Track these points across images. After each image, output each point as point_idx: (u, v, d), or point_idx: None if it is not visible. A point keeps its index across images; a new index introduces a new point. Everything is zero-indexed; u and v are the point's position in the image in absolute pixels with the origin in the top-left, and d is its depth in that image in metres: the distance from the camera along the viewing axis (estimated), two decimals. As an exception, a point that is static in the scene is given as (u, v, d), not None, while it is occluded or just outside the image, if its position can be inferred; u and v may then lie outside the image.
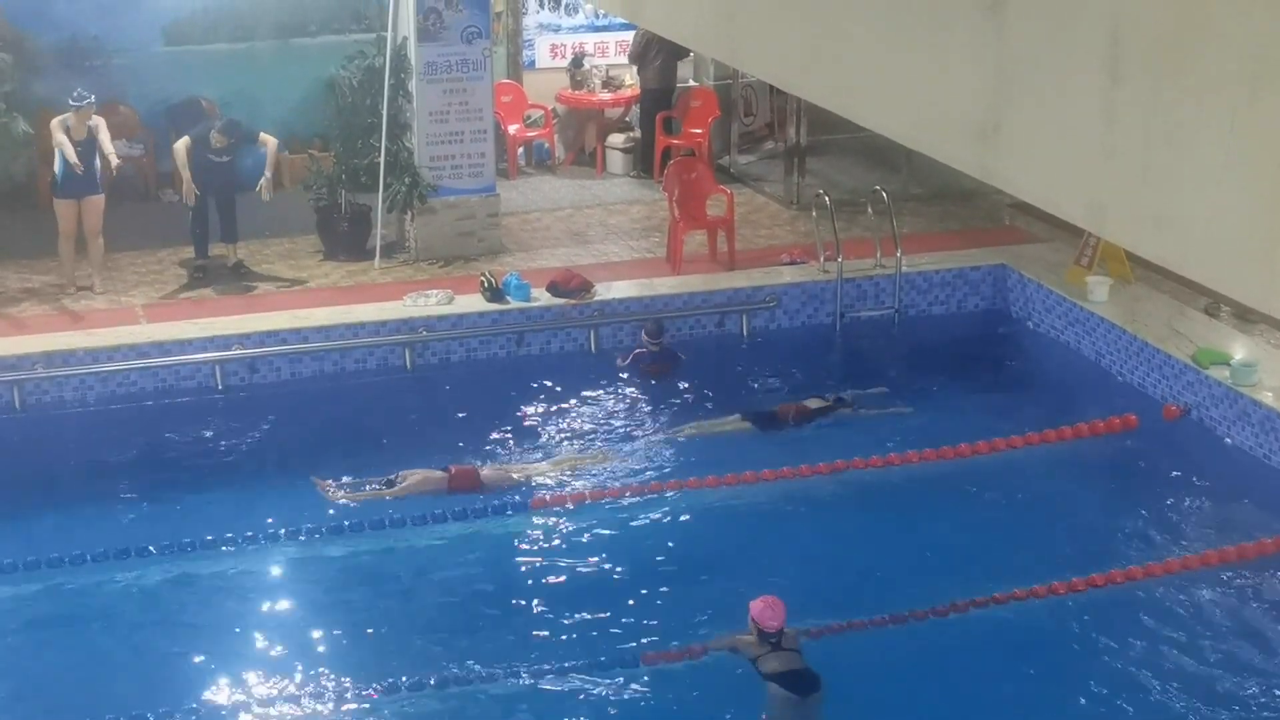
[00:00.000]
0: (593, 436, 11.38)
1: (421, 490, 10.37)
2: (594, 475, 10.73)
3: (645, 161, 16.59)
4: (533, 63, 17.08)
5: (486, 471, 10.59)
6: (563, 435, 11.43)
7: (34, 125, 13.91)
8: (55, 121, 12.86)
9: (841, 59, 5.66)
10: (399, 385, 12.17)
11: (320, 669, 8.75)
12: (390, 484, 10.43)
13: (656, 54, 16.24)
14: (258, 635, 9.16)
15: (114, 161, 12.92)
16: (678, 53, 16.13)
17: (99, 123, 12.94)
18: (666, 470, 10.80)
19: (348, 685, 8.56)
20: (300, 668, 8.77)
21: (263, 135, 13.50)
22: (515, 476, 10.61)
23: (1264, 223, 3.68)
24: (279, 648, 9.02)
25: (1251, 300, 3.96)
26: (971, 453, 10.96)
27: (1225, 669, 8.64)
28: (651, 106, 16.54)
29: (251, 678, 8.71)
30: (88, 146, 12.84)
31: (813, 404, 11.59)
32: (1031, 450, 11.07)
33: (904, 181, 15.57)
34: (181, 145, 13.20)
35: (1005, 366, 12.81)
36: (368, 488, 10.48)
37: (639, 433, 11.42)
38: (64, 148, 12.65)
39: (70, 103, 12.73)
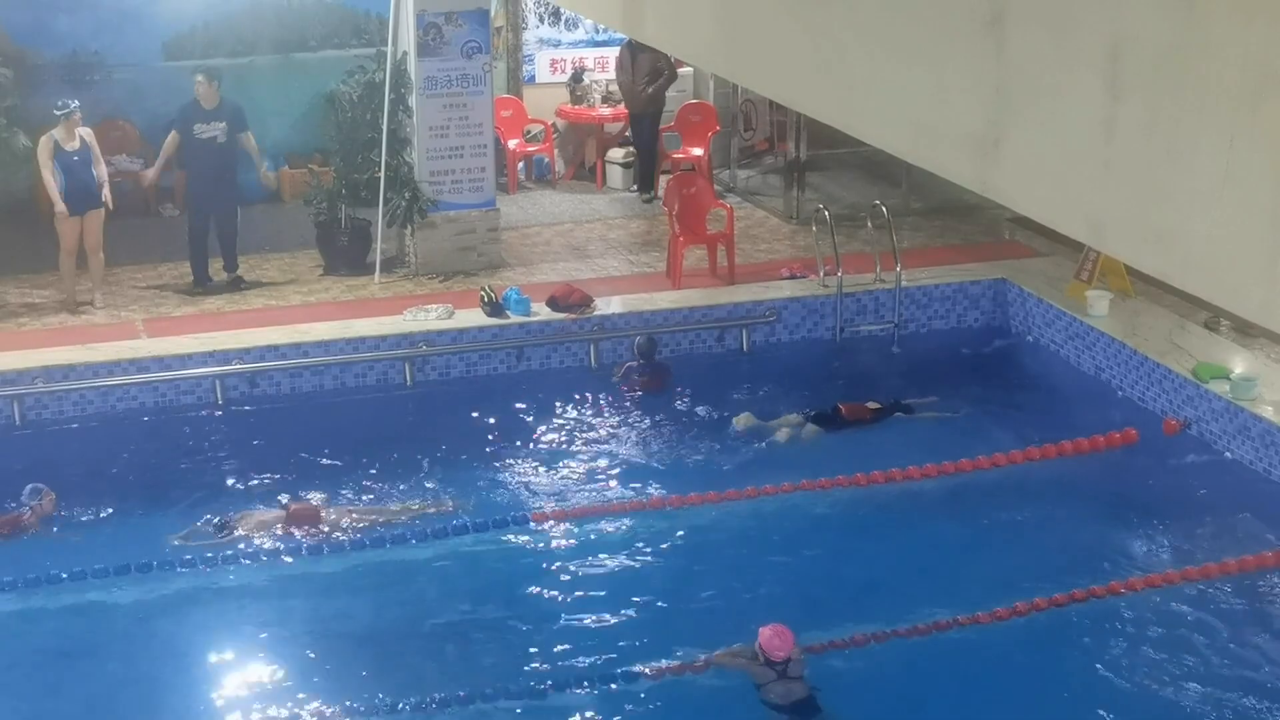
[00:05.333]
0: (592, 450, 11.37)
1: (260, 531, 10.07)
2: (593, 489, 10.73)
3: (644, 180, 16.45)
4: (533, 78, 17.11)
5: (329, 513, 10.28)
6: (561, 449, 11.41)
7: (35, 140, 13.92)
8: (43, 141, 12.84)
9: (842, 74, 5.67)
10: (399, 400, 12.17)
11: (319, 685, 8.73)
12: (224, 528, 10.07)
13: (646, 79, 16.06)
14: (259, 652, 9.14)
15: (104, 179, 12.93)
16: (658, 75, 16.02)
17: (89, 135, 12.92)
18: (667, 485, 10.77)
19: (346, 703, 8.54)
20: (300, 684, 8.75)
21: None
22: (357, 519, 10.26)
23: (1264, 237, 3.69)
24: (280, 664, 8.99)
25: (1251, 314, 3.97)
26: (972, 468, 10.95)
27: (1226, 682, 8.63)
28: (648, 129, 16.39)
29: (253, 695, 8.69)
30: (83, 155, 12.84)
31: (871, 405, 11.78)
32: (1031, 465, 11.07)
33: (904, 196, 15.59)
34: (170, 140, 13.43)
35: (1005, 381, 12.78)
36: (201, 525, 10.15)
37: (639, 446, 11.42)
38: (47, 181, 12.74)
39: (55, 113, 12.75)
